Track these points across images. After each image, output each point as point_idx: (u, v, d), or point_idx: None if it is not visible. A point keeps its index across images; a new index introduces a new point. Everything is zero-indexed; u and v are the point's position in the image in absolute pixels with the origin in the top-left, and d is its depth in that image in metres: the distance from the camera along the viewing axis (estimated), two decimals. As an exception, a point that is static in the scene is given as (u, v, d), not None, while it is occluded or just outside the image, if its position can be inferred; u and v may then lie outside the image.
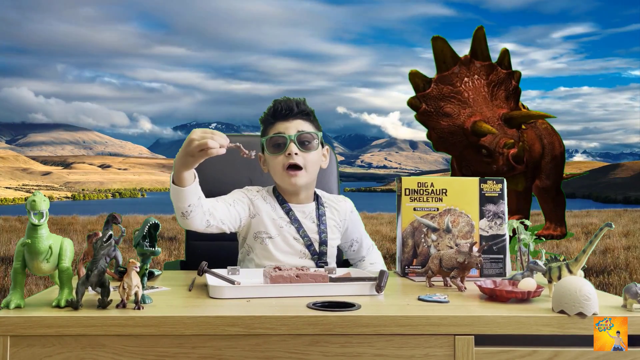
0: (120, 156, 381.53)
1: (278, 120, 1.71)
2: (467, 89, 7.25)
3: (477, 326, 1.09)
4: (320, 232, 1.70)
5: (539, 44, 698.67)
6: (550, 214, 8.43)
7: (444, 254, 1.39)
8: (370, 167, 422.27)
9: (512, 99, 6.95)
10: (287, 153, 1.66)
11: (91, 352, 1.06)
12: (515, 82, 7.07)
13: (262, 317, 1.08)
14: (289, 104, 1.71)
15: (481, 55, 7.48)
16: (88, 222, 11.38)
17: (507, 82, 7.15)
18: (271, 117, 1.73)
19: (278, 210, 1.70)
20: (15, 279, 1.16)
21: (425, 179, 1.57)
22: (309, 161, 1.68)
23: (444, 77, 7.44)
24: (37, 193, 1.12)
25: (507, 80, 7.16)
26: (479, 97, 7.16)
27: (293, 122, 1.70)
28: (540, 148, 7.90)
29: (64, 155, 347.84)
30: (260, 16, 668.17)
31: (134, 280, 1.13)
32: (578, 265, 1.27)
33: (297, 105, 1.71)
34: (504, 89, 7.05)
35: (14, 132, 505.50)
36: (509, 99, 6.99)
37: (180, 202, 1.45)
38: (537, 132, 7.98)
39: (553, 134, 8.12)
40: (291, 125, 1.69)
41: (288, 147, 1.66)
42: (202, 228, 1.54)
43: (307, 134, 1.69)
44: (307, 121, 1.72)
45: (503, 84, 7.13)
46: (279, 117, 1.71)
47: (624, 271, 5.98)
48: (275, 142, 1.69)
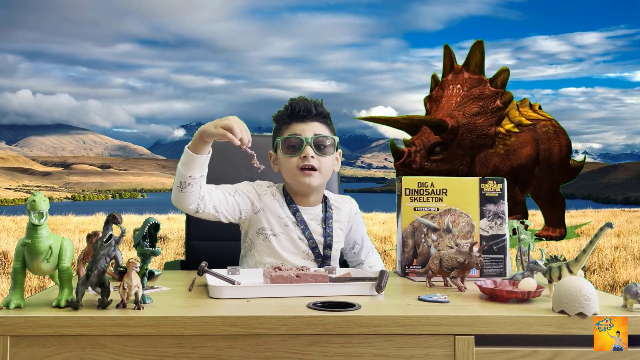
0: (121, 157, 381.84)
1: (294, 121, 1.68)
2: (447, 94, 7.48)
3: (477, 326, 1.09)
4: (325, 236, 1.69)
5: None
6: (548, 216, 8.46)
7: (444, 254, 1.39)
8: (370, 168, 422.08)
9: (485, 116, 7.14)
10: (303, 155, 1.64)
11: (91, 352, 1.06)
12: (500, 102, 7.22)
13: (262, 317, 1.08)
14: (307, 105, 1.68)
15: (473, 68, 7.61)
16: (82, 222, 11.41)
17: (489, 100, 7.32)
18: (287, 117, 1.70)
19: (285, 209, 1.69)
20: (15, 279, 1.16)
21: (425, 179, 1.57)
22: (324, 165, 1.67)
23: (442, 82, 7.63)
24: (37, 193, 1.12)
25: (490, 98, 7.33)
26: (449, 103, 7.40)
27: (310, 124, 1.67)
28: (533, 153, 7.94)
29: (64, 156, 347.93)
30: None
31: (134, 280, 1.13)
32: (578, 265, 1.27)
33: (316, 107, 1.68)
34: (482, 105, 7.23)
35: (14, 133, 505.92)
36: (479, 115, 7.18)
37: (186, 170, 1.49)
38: (533, 136, 8.01)
39: (554, 139, 8.13)
40: (308, 128, 1.67)
41: (304, 149, 1.64)
42: (192, 210, 1.55)
43: (323, 138, 1.67)
44: (323, 124, 1.69)
45: (484, 99, 7.30)
46: (296, 117, 1.68)
47: (610, 270, 5.98)
48: (291, 144, 1.67)
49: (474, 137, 7.14)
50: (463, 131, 7.11)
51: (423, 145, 7.10)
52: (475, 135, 7.13)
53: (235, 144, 1.46)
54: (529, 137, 7.91)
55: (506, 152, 7.60)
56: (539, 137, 8.02)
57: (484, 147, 7.22)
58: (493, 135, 7.17)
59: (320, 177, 1.67)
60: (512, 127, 7.78)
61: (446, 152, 7.11)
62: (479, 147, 7.20)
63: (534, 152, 7.92)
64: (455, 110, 7.21)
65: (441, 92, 7.51)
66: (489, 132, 7.16)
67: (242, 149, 1.47)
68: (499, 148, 7.52)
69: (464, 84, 7.40)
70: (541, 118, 8.19)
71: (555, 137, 8.17)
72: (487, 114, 7.21)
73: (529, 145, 7.87)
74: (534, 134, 8.00)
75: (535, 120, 8.07)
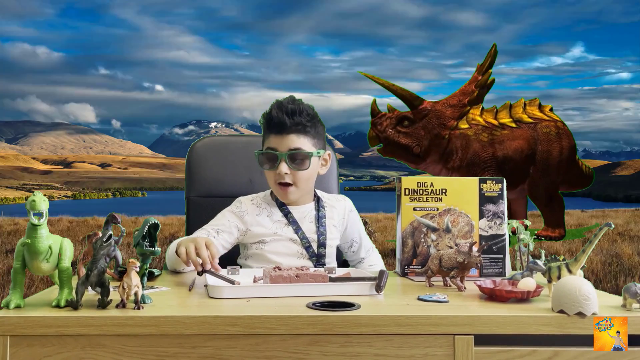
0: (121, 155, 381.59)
1: (272, 133, 1.65)
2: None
3: (477, 326, 1.09)
4: (319, 235, 1.70)
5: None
6: (547, 216, 8.47)
7: (443, 254, 1.39)
8: (370, 167, 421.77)
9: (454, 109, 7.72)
10: (277, 172, 1.63)
11: (91, 352, 1.06)
12: (467, 100, 7.74)
13: (261, 317, 1.08)
14: (281, 118, 1.62)
15: (481, 67, 8.05)
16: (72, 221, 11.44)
17: (464, 96, 7.84)
18: (266, 128, 1.67)
19: (275, 214, 1.70)
20: (15, 279, 1.16)
21: (425, 179, 1.57)
22: (300, 178, 1.65)
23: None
24: (37, 193, 1.12)
25: (465, 94, 7.87)
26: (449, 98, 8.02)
27: (286, 137, 1.63)
28: (525, 149, 8.01)
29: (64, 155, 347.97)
30: None
31: (133, 280, 1.13)
32: (577, 265, 1.27)
33: (292, 118, 1.62)
34: (460, 99, 7.87)
35: (15, 131, 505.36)
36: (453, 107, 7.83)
37: (175, 266, 1.58)
38: (531, 134, 8.03)
39: (554, 141, 8.13)
40: (283, 141, 1.63)
41: (279, 165, 1.63)
42: None
43: (299, 153, 1.63)
44: (302, 135, 1.64)
45: (464, 95, 7.92)
46: (272, 129, 1.65)
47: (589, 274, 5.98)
48: (267, 157, 1.66)
49: (436, 123, 7.66)
50: (431, 116, 7.67)
51: (395, 115, 7.65)
52: (438, 122, 7.58)
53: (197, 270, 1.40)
54: (525, 134, 7.96)
55: (490, 140, 7.84)
56: (537, 137, 8.03)
57: (439, 138, 7.67)
58: (449, 127, 7.62)
59: (297, 190, 1.67)
60: (509, 122, 7.89)
61: (411, 128, 7.63)
62: (436, 135, 7.68)
63: (526, 149, 7.96)
64: (445, 98, 7.79)
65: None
66: (448, 123, 7.69)
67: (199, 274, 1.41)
68: (482, 136, 7.79)
69: (471, 81, 7.83)
70: (545, 118, 8.19)
71: (556, 139, 8.16)
72: (457, 107, 7.64)
73: (522, 140, 7.93)
74: (532, 132, 8.01)
75: (538, 120, 8.08)
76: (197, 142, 2.09)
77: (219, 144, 2.09)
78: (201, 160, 2.03)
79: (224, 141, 2.12)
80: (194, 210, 2.00)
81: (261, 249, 1.68)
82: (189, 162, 2.05)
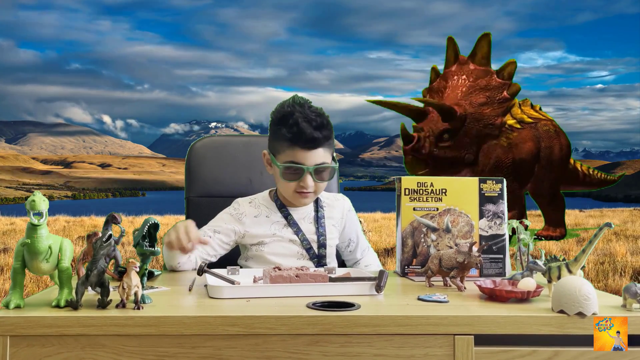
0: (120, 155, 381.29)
1: (298, 146, 1.59)
2: (451, 85, 7.53)
3: (477, 326, 1.09)
4: (319, 235, 1.70)
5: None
6: (548, 215, 8.46)
7: (443, 254, 1.39)
8: (370, 166, 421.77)
9: (492, 106, 7.20)
10: (301, 184, 1.62)
11: (91, 352, 1.06)
12: (507, 93, 7.26)
13: (261, 317, 1.08)
14: (313, 134, 1.57)
15: (480, 59, 7.69)
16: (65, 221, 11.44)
17: (496, 91, 7.37)
18: (291, 140, 1.59)
19: (274, 215, 1.70)
20: (15, 279, 1.16)
21: (424, 179, 1.56)
22: (320, 187, 1.68)
23: (444, 74, 7.64)
24: (37, 193, 1.12)
25: (496, 89, 7.38)
26: (454, 94, 7.44)
27: (315, 151, 1.60)
28: (534, 150, 7.98)
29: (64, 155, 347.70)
30: None
31: (133, 280, 1.13)
32: (577, 265, 1.27)
33: (321, 132, 1.59)
34: (489, 95, 7.29)
35: (15, 131, 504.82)
36: (486, 105, 7.23)
37: (170, 261, 1.59)
38: (534, 133, 8.04)
39: (554, 138, 8.15)
40: (312, 157, 1.60)
41: (304, 178, 1.61)
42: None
43: (325, 167, 1.62)
44: (327, 147, 1.63)
45: (490, 90, 7.35)
46: (300, 144, 1.59)
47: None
48: (292, 171, 1.62)
49: (480, 126, 7.24)
50: (470, 120, 7.22)
51: (432, 132, 7.17)
52: (482, 124, 7.22)
53: (183, 253, 1.52)
54: (530, 134, 7.94)
55: (509, 144, 7.65)
56: (540, 135, 8.04)
57: (490, 137, 7.29)
58: (499, 126, 7.24)
59: (314, 196, 1.70)
60: (514, 123, 7.82)
61: (454, 139, 7.20)
62: (485, 137, 7.29)
63: (535, 149, 7.94)
64: (462, 100, 7.29)
65: (444, 83, 7.58)
66: (496, 122, 7.24)
67: (184, 253, 1.52)
68: (502, 140, 7.57)
69: (470, 75, 7.48)
70: (542, 117, 8.21)
71: (555, 136, 8.19)
72: (494, 104, 7.29)
73: (531, 141, 7.90)
74: (535, 131, 8.02)
75: (536, 119, 8.09)
76: (197, 142, 2.09)
77: (218, 144, 2.09)
78: (201, 161, 2.03)
79: (223, 141, 2.12)
80: (194, 210, 2.00)
81: (261, 250, 1.68)
82: (188, 162, 2.05)
